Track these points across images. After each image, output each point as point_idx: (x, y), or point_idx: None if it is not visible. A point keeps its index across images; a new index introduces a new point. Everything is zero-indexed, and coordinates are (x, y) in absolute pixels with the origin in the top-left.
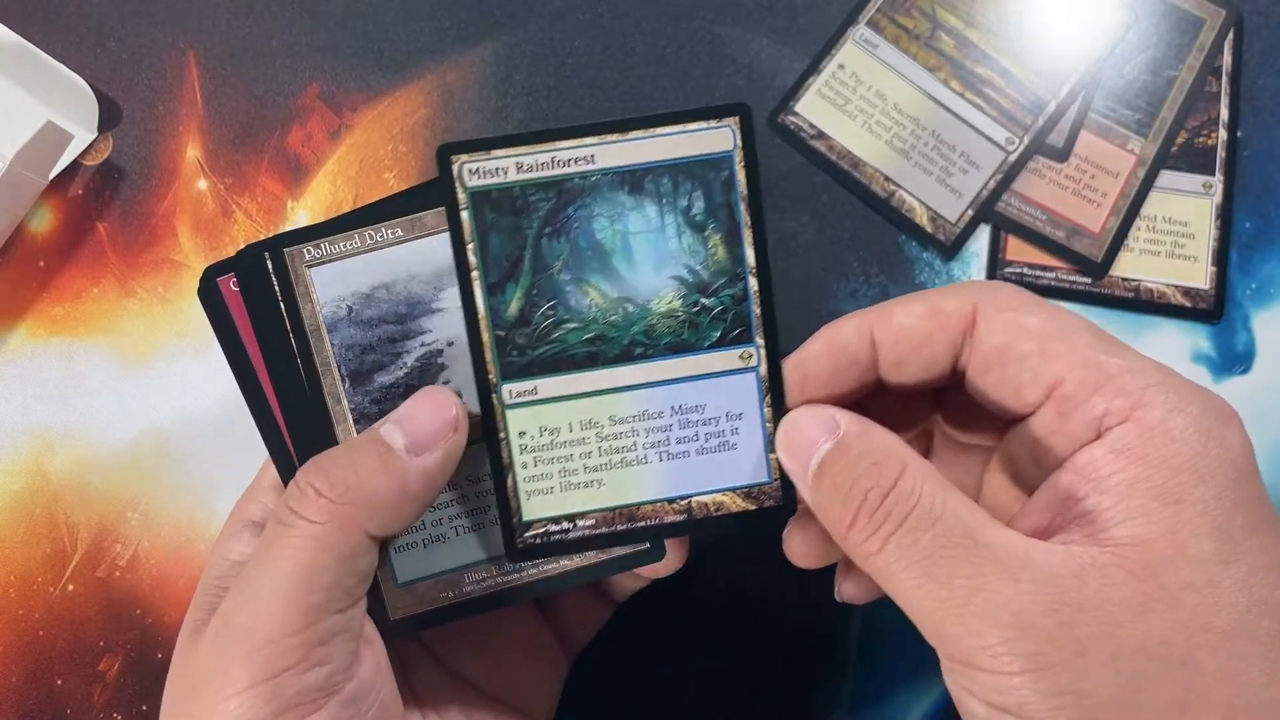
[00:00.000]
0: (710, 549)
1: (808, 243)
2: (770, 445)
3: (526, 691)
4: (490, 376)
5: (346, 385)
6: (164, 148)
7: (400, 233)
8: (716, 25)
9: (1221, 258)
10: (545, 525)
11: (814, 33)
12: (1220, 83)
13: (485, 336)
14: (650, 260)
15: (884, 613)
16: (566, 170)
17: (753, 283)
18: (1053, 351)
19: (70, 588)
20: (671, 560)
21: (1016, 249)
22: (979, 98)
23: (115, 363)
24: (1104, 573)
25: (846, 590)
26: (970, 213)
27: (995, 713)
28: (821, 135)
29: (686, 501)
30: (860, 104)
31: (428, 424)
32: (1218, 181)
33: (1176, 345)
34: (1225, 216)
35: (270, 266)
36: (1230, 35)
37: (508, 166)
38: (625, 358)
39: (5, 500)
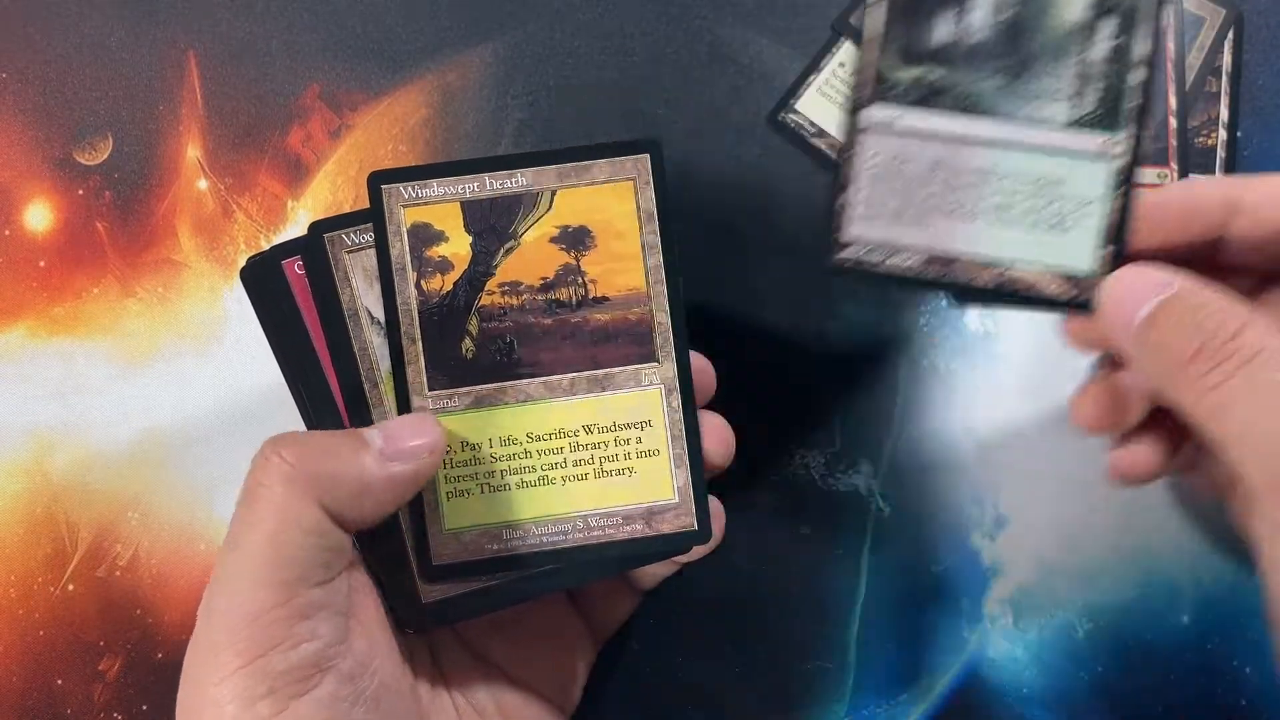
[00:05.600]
0: (735, 545)
1: (807, 242)
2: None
3: (554, 678)
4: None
5: None
6: (164, 148)
7: None
8: (716, 25)
9: None
10: (861, 249)
11: (814, 32)
12: (1220, 83)
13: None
14: None
15: (884, 614)
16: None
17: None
18: None
19: (70, 588)
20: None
21: None
22: None
23: (115, 363)
24: None
25: (1127, 461)
26: None
27: None
28: (822, 133)
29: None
30: None
31: (407, 440)
32: None
33: None
34: None
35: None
36: (1230, 35)
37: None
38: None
39: (5, 500)
